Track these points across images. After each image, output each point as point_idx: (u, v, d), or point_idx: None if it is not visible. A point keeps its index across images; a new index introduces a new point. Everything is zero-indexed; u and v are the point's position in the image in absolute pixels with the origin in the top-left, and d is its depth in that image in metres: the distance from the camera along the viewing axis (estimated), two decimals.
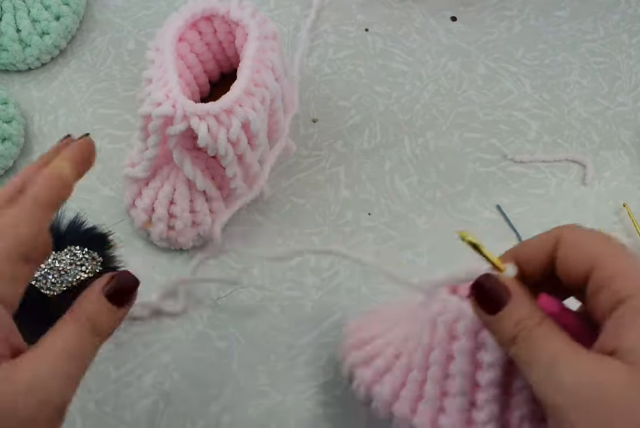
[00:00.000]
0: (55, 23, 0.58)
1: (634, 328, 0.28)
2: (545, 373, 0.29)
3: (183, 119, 0.45)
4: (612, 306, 0.29)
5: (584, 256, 0.31)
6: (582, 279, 0.31)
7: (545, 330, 0.30)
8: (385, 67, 0.60)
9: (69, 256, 0.49)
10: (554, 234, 0.32)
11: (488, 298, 0.32)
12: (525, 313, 0.31)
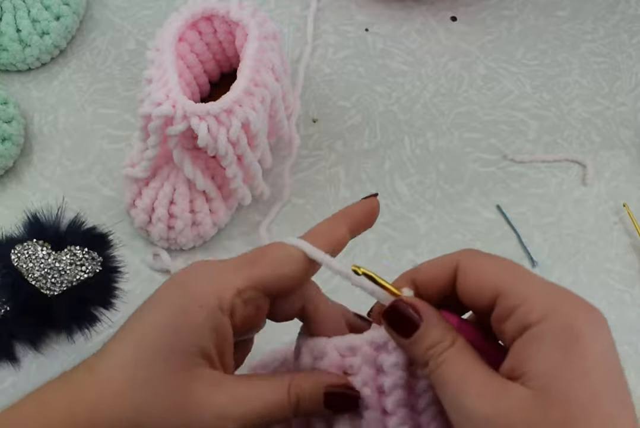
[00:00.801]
0: (55, 23, 0.58)
1: (538, 355, 0.28)
2: (453, 401, 0.29)
3: (183, 119, 0.45)
4: (518, 333, 0.29)
5: (487, 285, 0.31)
6: (486, 307, 0.31)
7: (454, 355, 0.30)
8: (385, 67, 0.60)
9: (69, 256, 0.49)
10: (452, 260, 0.32)
11: (401, 322, 0.32)
12: (437, 336, 0.31)
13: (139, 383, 0.32)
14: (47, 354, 0.50)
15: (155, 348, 0.33)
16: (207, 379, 0.32)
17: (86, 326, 0.49)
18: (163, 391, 0.32)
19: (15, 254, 0.48)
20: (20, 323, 0.49)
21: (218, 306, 0.32)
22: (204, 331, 0.32)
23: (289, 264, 0.34)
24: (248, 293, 0.33)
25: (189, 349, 0.32)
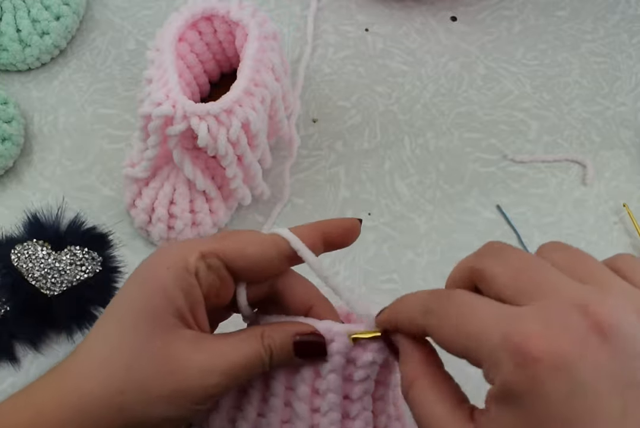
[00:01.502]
0: (55, 23, 0.58)
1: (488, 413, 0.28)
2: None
3: (183, 119, 0.45)
4: None
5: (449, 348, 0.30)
6: None
7: (418, 391, 0.31)
8: (385, 67, 0.60)
9: (69, 256, 0.49)
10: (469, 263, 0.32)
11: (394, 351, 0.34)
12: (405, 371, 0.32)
13: (120, 352, 0.34)
14: (47, 354, 0.50)
15: (131, 316, 0.34)
16: (186, 338, 0.34)
17: (86, 326, 0.49)
18: (145, 355, 0.33)
19: (15, 254, 0.48)
20: (20, 323, 0.49)
21: (184, 267, 0.34)
22: (175, 292, 0.34)
23: (256, 246, 0.35)
24: (211, 258, 0.34)
25: (163, 311, 0.34)
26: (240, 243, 0.35)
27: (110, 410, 0.33)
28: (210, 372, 0.34)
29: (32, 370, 0.49)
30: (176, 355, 0.33)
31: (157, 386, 0.33)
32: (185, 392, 0.33)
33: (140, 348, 0.34)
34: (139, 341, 0.34)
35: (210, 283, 0.35)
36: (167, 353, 0.33)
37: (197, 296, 0.34)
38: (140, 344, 0.34)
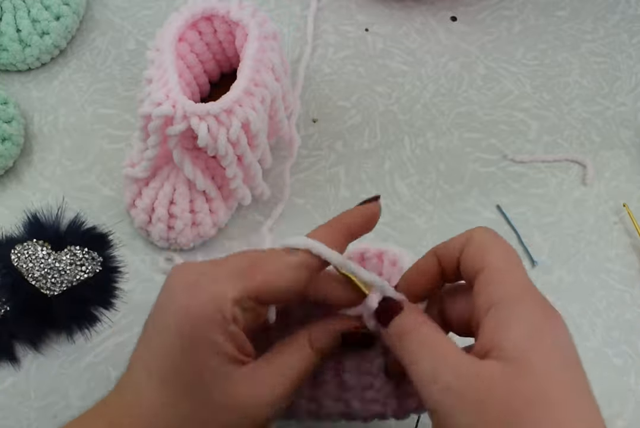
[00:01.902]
0: (55, 23, 0.58)
1: (502, 330, 0.30)
2: (430, 376, 0.31)
3: (183, 119, 0.45)
4: (485, 311, 0.31)
5: (477, 259, 0.32)
6: (472, 281, 0.33)
7: (427, 332, 0.32)
8: (385, 67, 0.60)
9: (69, 256, 0.49)
10: (467, 234, 0.34)
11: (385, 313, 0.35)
12: (411, 318, 0.33)
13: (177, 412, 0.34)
14: (47, 354, 0.50)
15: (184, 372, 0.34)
16: (244, 379, 0.34)
17: (86, 326, 0.49)
18: (207, 405, 0.34)
19: (15, 254, 0.48)
20: (20, 323, 0.49)
21: (224, 319, 0.33)
22: (224, 344, 0.33)
23: (285, 276, 0.35)
24: (245, 302, 0.34)
25: (217, 362, 0.33)
26: (269, 280, 0.34)
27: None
28: (275, 400, 0.34)
29: (32, 370, 0.49)
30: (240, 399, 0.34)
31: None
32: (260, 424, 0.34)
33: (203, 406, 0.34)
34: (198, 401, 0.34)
35: (247, 321, 0.35)
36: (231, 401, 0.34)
37: (240, 338, 0.34)
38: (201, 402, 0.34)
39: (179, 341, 0.34)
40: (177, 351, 0.34)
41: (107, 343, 0.50)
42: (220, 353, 0.33)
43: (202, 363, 0.33)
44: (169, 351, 0.34)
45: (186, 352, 0.33)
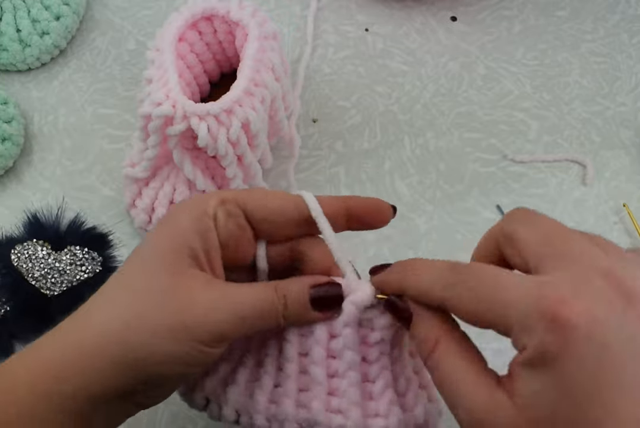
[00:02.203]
0: (55, 23, 0.58)
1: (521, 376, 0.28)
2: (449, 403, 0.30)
3: (183, 119, 0.45)
4: None
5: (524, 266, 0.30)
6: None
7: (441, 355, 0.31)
8: (385, 67, 0.60)
9: (69, 256, 0.49)
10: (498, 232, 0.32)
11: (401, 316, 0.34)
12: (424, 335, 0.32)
13: (127, 289, 0.34)
14: None
15: (143, 256, 0.34)
16: (196, 278, 0.33)
17: None
18: (152, 290, 0.33)
19: (15, 254, 0.48)
20: (20, 323, 0.49)
21: (203, 210, 0.34)
22: (189, 232, 0.33)
23: (277, 200, 0.35)
24: (231, 205, 0.34)
25: (175, 250, 0.33)
26: (262, 195, 0.35)
27: (114, 344, 0.32)
28: (217, 309, 0.33)
29: None
30: (184, 291, 0.33)
31: (161, 319, 0.32)
32: (189, 327, 0.33)
33: (147, 284, 0.33)
34: (147, 278, 0.33)
35: (228, 230, 0.34)
36: (175, 289, 0.33)
37: (213, 240, 0.34)
38: (148, 280, 0.33)
39: (158, 231, 0.34)
40: (151, 236, 0.35)
41: None
42: (184, 241, 0.33)
43: (166, 245, 0.34)
44: (146, 238, 0.35)
45: (158, 236, 0.34)
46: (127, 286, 0.34)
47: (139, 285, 0.34)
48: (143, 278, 0.34)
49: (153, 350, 0.32)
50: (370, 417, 0.36)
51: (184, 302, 0.33)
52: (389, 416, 0.35)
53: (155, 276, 0.33)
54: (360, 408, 0.35)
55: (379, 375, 0.36)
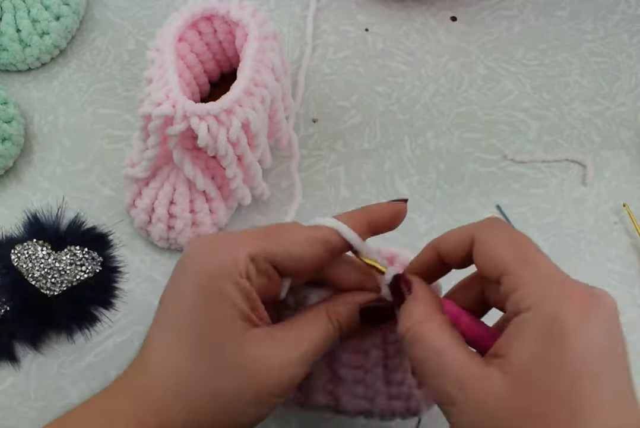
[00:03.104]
0: (55, 23, 0.58)
1: (519, 343, 0.29)
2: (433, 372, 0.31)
3: (183, 119, 0.45)
4: (511, 316, 0.30)
5: (494, 264, 0.32)
6: (495, 282, 0.32)
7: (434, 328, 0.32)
8: (385, 67, 0.60)
9: (69, 256, 0.49)
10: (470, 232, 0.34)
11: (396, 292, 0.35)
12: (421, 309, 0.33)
13: (194, 371, 0.33)
14: (47, 354, 0.50)
15: (202, 325, 0.34)
16: (257, 338, 0.34)
17: (86, 326, 0.49)
18: (222, 366, 0.33)
19: (15, 254, 0.48)
20: (20, 323, 0.49)
21: (237, 272, 0.33)
22: (236, 298, 0.33)
23: (302, 246, 0.35)
24: (260, 262, 0.34)
25: (229, 318, 0.33)
26: (286, 244, 0.35)
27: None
28: (288, 365, 0.33)
29: (32, 370, 0.49)
30: (252, 357, 0.33)
31: (242, 392, 0.33)
32: (270, 390, 0.33)
33: (216, 361, 0.33)
34: (211, 355, 0.33)
35: (261, 285, 0.35)
36: (243, 358, 0.33)
37: (254, 297, 0.34)
38: (215, 357, 0.33)
39: (194, 293, 0.34)
40: (192, 306, 0.34)
41: (107, 343, 0.50)
42: (233, 307, 0.33)
43: (215, 316, 0.33)
44: (185, 306, 0.34)
45: (200, 306, 0.33)
46: (197, 365, 0.33)
47: (203, 365, 0.33)
48: (212, 354, 0.33)
49: (241, 422, 0.34)
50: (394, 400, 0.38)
51: (256, 369, 0.33)
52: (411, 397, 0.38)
53: (218, 351, 0.33)
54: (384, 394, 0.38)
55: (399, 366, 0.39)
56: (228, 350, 0.33)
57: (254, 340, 0.33)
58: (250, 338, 0.33)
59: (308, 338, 0.34)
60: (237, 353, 0.33)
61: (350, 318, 0.36)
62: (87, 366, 0.49)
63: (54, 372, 0.49)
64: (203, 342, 0.33)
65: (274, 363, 0.33)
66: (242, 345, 0.33)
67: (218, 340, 0.33)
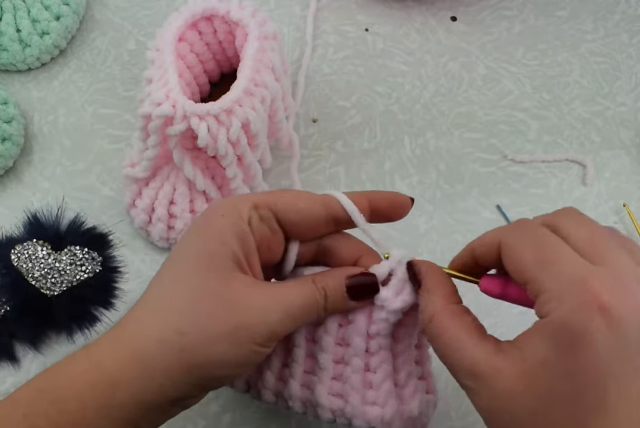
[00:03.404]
0: (55, 23, 0.58)
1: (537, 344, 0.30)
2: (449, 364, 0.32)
3: (183, 119, 0.45)
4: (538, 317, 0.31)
5: (519, 269, 0.32)
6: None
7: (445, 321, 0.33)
8: (385, 67, 0.60)
9: (69, 256, 0.49)
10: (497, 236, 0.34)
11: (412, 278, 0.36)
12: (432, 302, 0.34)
13: (176, 296, 0.34)
14: (47, 354, 0.50)
15: (187, 262, 0.35)
16: (244, 281, 0.34)
17: (86, 326, 0.49)
18: (204, 295, 0.34)
19: (15, 254, 0.48)
20: (20, 323, 0.49)
21: (238, 215, 0.34)
22: (230, 237, 0.34)
23: (307, 201, 0.36)
24: (263, 209, 0.35)
25: (219, 255, 0.34)
26: (292, 198, 0.36)
27: (170, 353, 0.33)
28: (270, 310, 0.34)
29: (32, 370, 0.49)
30: (235, 294, 0.34)
31: (218, 324, 0.33)
32: (247, 329, 0.33)
33: (198, 290, 0.34)
34: (196, 284, 0.34)
35: (262, 234, 0.35)
36: (227, 293, 0.34)
37: (250, 244, 0.35)
38: (197, 286, 0.34)
39: (194, 234, 0.35)
40: (188, 245, 0.35)
41: None
42: (224, 245, 0.34)
43: (206, 251, 0.34)
44: (181, 246, 0.35)
45: (195, 243, 0.34)
46: (176, 292, 0.34)
47: (190, 291, 0.34)
48: (192, 284, 0.34)
49: (211, 356, 0.33)
50: (368, 405, 0.37)
51: (238, 306, 0.33)
52: (385, 406, 0.37)
53: (204, 282, 0.34)
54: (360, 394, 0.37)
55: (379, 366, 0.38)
56: (213, 285, 0.34)
57: (239, 281, 0.34)
58: (236, 280, 0.34)
59: (292, 294, 0.35)
60: (221, 289, 0.33)
61: (335, 288, 0.36)
62: None
63: None
64: (192, 276, 0.34)
65: (254, 303, 0.34)
66: (227, 283, 0.34)
67: (205, 275, 0.34)
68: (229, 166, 0.48)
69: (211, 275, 0.34)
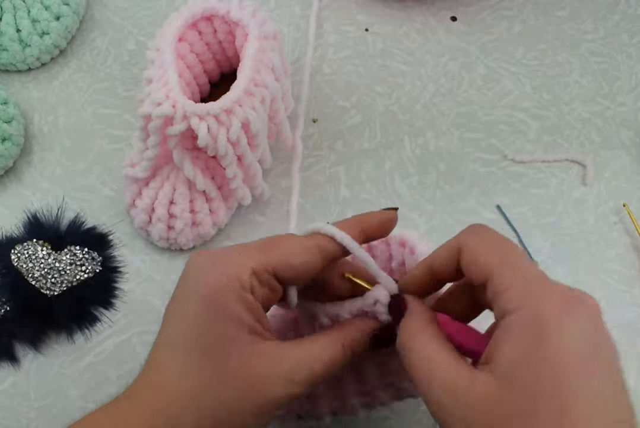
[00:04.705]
0: (55, 23, 0.58)
1: (505, 343, 0.30)
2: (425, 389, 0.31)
3: (183, 119, 0.45)
4: (498, 319, 0.31)
5: (480, 269, 0.32)
6: (482, 287, 0.32)
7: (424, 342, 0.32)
8: (385, 67, 0.60)
9: (69, 256, 0.49)
10: (457, 242, 0.34)
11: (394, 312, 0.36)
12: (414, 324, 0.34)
13: (200, 378, 0.34)
14: (47, 354, 0.50)
15: (201, 343, 0.34)
16: (264, 352, 0.34)
17: (86, 326, 0.49)
18: (226, 378, 0.34)
19: (15, 254, 0.48)
20: (20, 323, 0.49)
21: (241, 287, 0.34)
22: (243, 313, 0.34)
23: (301, 256, 0.36)
24: (262, 274, 0.35)
25: (237, 331, 0.34)
26: (285, 255, 0.36)
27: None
28: (293, 383, 0.34)
29: (32, 370, 0.49)
30: (256, 371, 0.34)
31: (244, 404, 0.34)
32: (271, 403, 0.34)
33: (221, 373, 0.34)
34: (216, 368, 0.34)
35: (264, 297, 0.36)
36: (247, 372, 0.34)
37: (258, 310, 0.35)
38: (220, 369, 0.34)
39: (200, 309, 0.34)
40: (198, 322, 0.34)
41: (107, 343, 0.50)
42: (238, 321, 0.34)
43: (221, 330, 0.34)
44: (190, 323, 0.35)
45: (206, 320, 0.34)
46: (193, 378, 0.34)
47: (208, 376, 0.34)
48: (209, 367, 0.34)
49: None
50: None
51: (259, 382, 0.34)
52: None
53: (221, 365, 0.34)
54: None
55: None
56: (233, 363, 0.34)
57: (260, 355, 0.34)
58: (257, 353, 0.34)
59: (316, 362, 0.35)
60: (242, 367, 0.34)
61: (361, 345, 0.37)
62: (87, 366, 0.49)
63: (54, 372, 0.49)
64: (209, 356, 0.34)
65: (277, 381, 0.34)
66: (248, 359, 0.34)
67: (224, 353, 0.34)
68: (229, 166, 0.48)
69: (229, 356, 0.34)
